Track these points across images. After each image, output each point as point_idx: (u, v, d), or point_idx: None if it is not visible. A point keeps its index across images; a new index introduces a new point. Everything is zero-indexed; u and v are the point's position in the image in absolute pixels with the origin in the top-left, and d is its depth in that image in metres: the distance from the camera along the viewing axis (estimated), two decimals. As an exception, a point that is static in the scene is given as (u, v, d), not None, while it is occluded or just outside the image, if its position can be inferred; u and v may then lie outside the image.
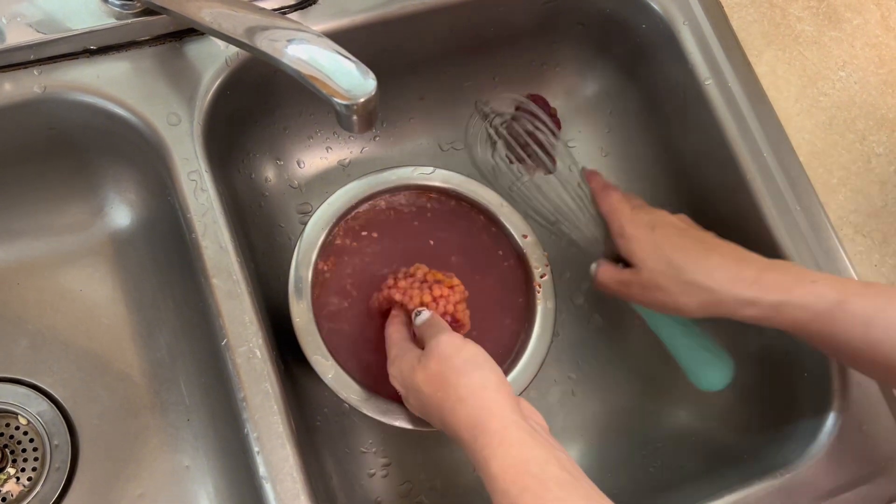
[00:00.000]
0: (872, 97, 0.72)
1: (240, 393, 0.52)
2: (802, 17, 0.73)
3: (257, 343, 0.53)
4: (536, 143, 0.66)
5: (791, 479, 0.57)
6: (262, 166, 0.69)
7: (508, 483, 0.43)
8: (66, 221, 0.64)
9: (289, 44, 0.48)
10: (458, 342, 0.50)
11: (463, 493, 0.65)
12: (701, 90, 0.66)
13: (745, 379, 0.68)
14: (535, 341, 0.62)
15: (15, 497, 0.58)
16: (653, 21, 0.67)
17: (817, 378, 0.60)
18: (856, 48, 0.73)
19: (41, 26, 0.55)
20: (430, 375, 0.50)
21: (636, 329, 0.71)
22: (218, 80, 0.58)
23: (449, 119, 0.73)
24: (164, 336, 0.63)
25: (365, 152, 0.72)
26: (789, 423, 0.62)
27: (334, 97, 0.46)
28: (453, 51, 0.69)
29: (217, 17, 0.51)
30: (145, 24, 0.57)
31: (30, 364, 0.61)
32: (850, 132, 0.71)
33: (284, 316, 0.58)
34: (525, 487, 0.42)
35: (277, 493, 0.50)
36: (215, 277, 0.54)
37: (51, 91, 0.56)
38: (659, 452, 0.67)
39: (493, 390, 0.47)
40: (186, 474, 0.61)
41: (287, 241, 0.68)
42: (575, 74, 0.75)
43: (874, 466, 0.58)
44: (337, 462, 0.63)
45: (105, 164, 0.62)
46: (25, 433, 0.60)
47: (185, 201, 0.55)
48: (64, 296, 0.63)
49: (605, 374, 0.69)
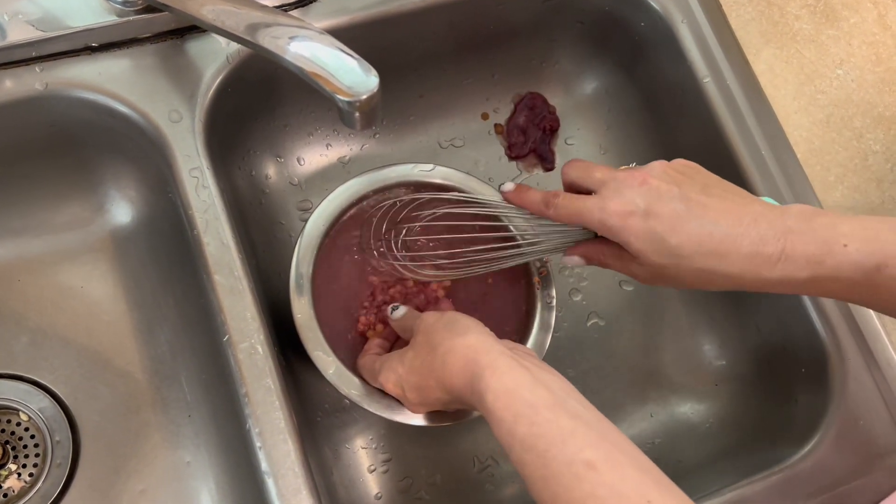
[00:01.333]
0: (870, 95, 0.72)
1: (241, 389, 0.52)
2: (800, 16, 0.73)
3: (259, 339, 0.53)
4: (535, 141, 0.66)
5: (788, 473, 0.57)
6: (262, 163, 0.69)
7: (502, 411, 0.43)
8: (67, 218, 0.64)
9: (291, 41, 0.48)
10: (437, 314, 0.51)
11: (463, 488, 0.65)
12: (699, 88, 0.66)
13: (743, 374, 0.68)
14: (534, 338, 0.62)
15: (16, 493, 0.58)
16: (651, 19, 0.68)
17: (814, 373, 0.61)
18: (853, 46, 0.73)
19: (42, 23, 0.55)
20: (418, 351, 0.50)
21: (634, 325, 0.71)
22: (219, 77, 0.59)
23: (448, 116, 0.74)
24: (165, 332, 0.63)
25: (365, 150, 0.72)
26: (787, 418, 0.62)
27: (337, 94, 0.46)
28: (453, 48, 0.70)
29: (219, 14, 0.51)
30: (147, 21, 0.57)
31: (31, 361, 0.61)
32: (847, 130, 0.71)
33: (286, 312, 0.58)
34: (518, 413, 0.42)
35: (279, 489, 0.50)
36: (217, 274, 0.54)
37: (52, 88, 0.56)
38: (656, 448, 0.67)
39: (477, 333, 0.47)
40: (188, 470, 0.61)
41: (288, 237, 0.68)
42: (574, 72, 0.75)
43: (871, 461, 0.58)
44: (338, 457, 0.64)
45: (106, 160, 0.62)
46: (27, 429, 0.60)
47: (186, 198, 0.55)
48: (65, 293, 0.63)
49: (603, 370, 0.70)
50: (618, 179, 0.49)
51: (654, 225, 0.47)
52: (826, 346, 0.60)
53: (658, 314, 0.72)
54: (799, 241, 0.45)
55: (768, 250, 0.46)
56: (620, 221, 0.48)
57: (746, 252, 0.46)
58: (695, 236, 0.46)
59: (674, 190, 0.48)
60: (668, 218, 0.47)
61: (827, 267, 0.45)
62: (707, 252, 0.46)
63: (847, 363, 0.60)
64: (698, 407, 0.69)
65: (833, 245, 0.45)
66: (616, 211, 0.48)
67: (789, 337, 0.64)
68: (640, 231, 0.48)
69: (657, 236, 0.47)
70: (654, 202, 0.47)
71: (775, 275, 0.46)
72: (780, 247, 0.45)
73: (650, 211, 0.47)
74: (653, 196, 0.48)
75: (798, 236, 0.45)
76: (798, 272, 0.45)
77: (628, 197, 0.48)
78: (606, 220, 0.49)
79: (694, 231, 0.47)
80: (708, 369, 0.70)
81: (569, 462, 0.40)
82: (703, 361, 0.70)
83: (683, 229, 0.47)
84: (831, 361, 0.60)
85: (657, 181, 0.48)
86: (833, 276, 0.45)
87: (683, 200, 0.47)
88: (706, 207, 0.47)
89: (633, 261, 0.50)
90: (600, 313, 0.71)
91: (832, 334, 0.60)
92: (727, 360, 0.70)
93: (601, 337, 0.71)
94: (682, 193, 0.48)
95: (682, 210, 0.47)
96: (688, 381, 0.70)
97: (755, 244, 0.46)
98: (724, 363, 0.70)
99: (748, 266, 0.46)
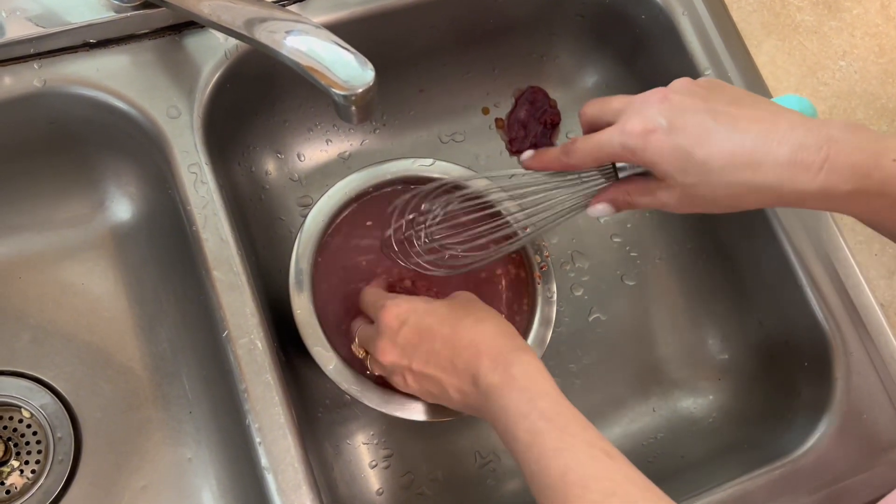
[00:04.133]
0: (872, 86, 0.71)
1: (241, 385, 0.52)
2: (802, 7, 0.73)
3: (258, 335, 0.53)
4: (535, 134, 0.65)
5: (792, 467, 0.57)
6: (262, 159, 0.69)
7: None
8: (67, 215, 0.64)
9: (287, 35, 0.48)
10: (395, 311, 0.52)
11: (464, 483, 0.65)
12: (700, 80, 0.65)
13: (746, 368, 0.68)
14: (535, 333, 0.62)
15: (19, 489, 0.58)
16: (652, 11, 0.67)
17: (817, 367, 0.61)
18: (856, 38, 0.73)
19: (41, 20, 0.55)
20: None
21: (636, 320, 0.71)
22: (217, 72, 0.58)
23: (449, 111, 0.73)
24: (166, 329, 0.63)
25: (365, 145, 0.72)
26: (790, 413, 0.62)
27: (333, 88, 0.46)
28: (453, 43, 0.69)
29: (216, 9, 0.51)
30: (144, 16, 0.57)
31: (32, 357, 0.61)
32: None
33: (286, 308, 0.58)
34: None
35: (279, 484, 0.50)
36: (216, 270, 0.54)
37: (51, 85, 0.56)
38: (659, 443, 0.67)
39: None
40: (189, 466, 0.61)
41: (288, 233, 0.68)
42: (574, 66, 0.75)
43: (875, 455, 0.58)
44: (338, 453, 0.64)
45: (105, 157, 0.62)
46: (29, 426, 0.60)
47: (185, 194, 0.55)
48: (65, 290, 0.63)
49: (605, 365, 0.70)
50: (636, 101, 0.46)
51: (678, 139, 0.43)
52: (829, 340, 0.60)
53: (660, 308, 0.71)
54: (844, 150, 0.41)
55: (809, 157, 0.41)
56: (642, 140, 0.44)
57: (784, 159, 0.42)
58: (725, 148, 0.43)
59: (698, 103, 0.44)
60: (693, 131, 0.43)
61: (874, 180, 0.41)
62: (740, 164, 0.42)
63: (850, 357, 0.59)
64: (701, 401, 0.69)
65: (881, 158, 0.41)
66: (636, 130, 0.45)
67: (792, 331, 0.63)
68: (664, 147, 0.44)
69: (683, 151, 0.43)
70: (678, 116, 0.44)
71: (816, 185, 0.42)
72: (822, 154, 0.41)
73: (673, 125, 0.44)
74: (676, 111, 0.44)
75: (843, 145, 0.41)
76: (842, 184, 0.41)
77: (649, 115, 0.45)
78: (627, 142, 0.45)
79: (723, 142, 0.43)
80: (710, 364, 0.70)
81: (589, 443, 0.41)
82: (706, 356, 0.70)
83: (711, 141, 0.43)
84: (834, 355, 0.59)
85: (679, 96, 0.45)
86: (879, 191, 0.41)
87: (710, 113, 0.44)
88: (735, 118, 0.43)
89: (661, 187, 0.46)
90: (602, 308, 0.71)
91: (835, 328, 0.60)
92: (730, 354, 0.69)
93: (603, 332, 0.71)
94: (708, 106, 0.44)
95: (709, 122, 0.43)
96: (690, 375, 0.70)
97: (794, 150, 0.42)
98: (727, 357, 0.69)
99: (786, 175, 0.42)
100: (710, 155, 0.43)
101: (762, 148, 0.42)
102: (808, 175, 0.42)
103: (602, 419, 0.68)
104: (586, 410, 0.68)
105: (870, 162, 0.41)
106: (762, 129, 0.43)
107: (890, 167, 0.41)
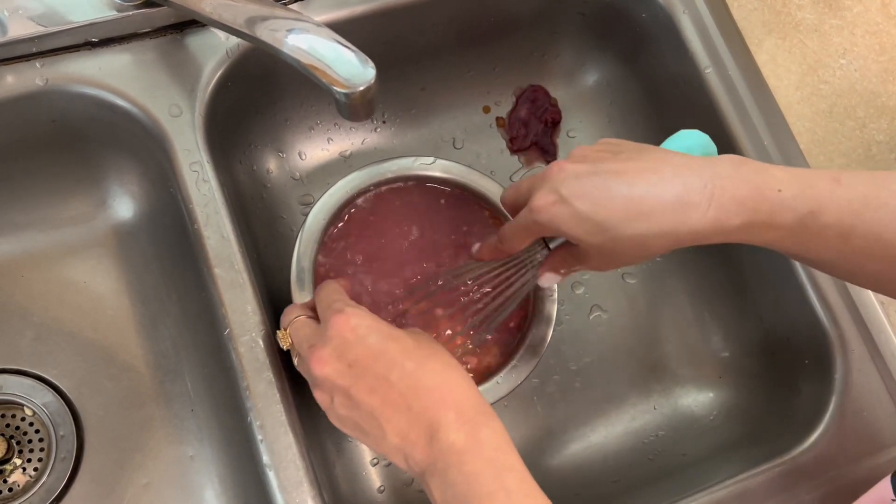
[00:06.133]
0: (873, 85, 0.71)
1: (243, 382, 0.52)
2: (803, 5, 0.73)
3: (260, 332, 0.53)
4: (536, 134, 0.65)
5: (792, 464, 0.57)
6: (263, 158, 0.69)
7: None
8: (70, 214, 0.64)
9: (288, 33, 0.48)
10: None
11: (466, 481, 0.65)
12: (701, 79, 0.66)
13: (746, 366, 0.68)
14: (536, 331, 0.62)
15: (21, 487, 0.59)
16: (653, 10, 0.68)
17: (818, 364, 0.61)
18: (856, 36, 0.73)
19: (43, 19, 0.56)
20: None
21: (637, 318, 0.71)
22: (219, 71, 0.59)
23: (450, 110, 0.73)
24: (168, 327, 0.63)
25: (366, 143, 0.72)
26: (791, 409, 0.62)
27: (333, 86, 0.46)
28: (454, 41, 0.69)
29: (217, 8, 0.51)
30: (146, 15, 0.57)
31: (35, 356, 0.61)
32: (850, 120, 0.71)
33: (287, 306, 0.58)
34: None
35: (280, 481, 0.50)
36: (217, 267, 0.54)
37: (53, 83, 0.56)
38: (660, 440, 0.67)
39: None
40: (191, 464, 0.61)
41: (289, 231, 0.68)
42: (575, 64, 0.75)
43: (875, 452, 0.58)
44: (340, 450, 0.64)
45: (107, 155, 0.62)
46: (31, 424, 0.60)
47: (187, 192, 0.56)
48: (68, 288, 0.63)
49: (606, 363, 0.70)
50: (539, 178, 0.48)
51: (577, 206, 0.45)
52: (830, 337, 0.60)
53: (661, 306, 0.72)
54: (728, 185, 0.43)
55: (696, 197, 0.43)
56: (547, 214, 0.47)
57: (671, 204, 0.43)
58: (618, 204, 0.45)
59: (589, 167, 0.46)
60: (588, 195, 0.45)
61: (762, 213, 0.43)
62: (633, 216, 0.44)
63: (851, 354, 0.59)
64: (702, 399, 0.69)
65: (766, 190, 0.43)
66: (541, 205, 0.47)
67: (793, 328, 0.63)
68: (566, 216, 0.46)
69: (584, 216, 0.45)
70: (572, 184, 0.46)
71: (707, 222, 0.43)
72: (708, 192, 0.43)
73: (571, 194, 0.46)
74: (570, 179, 0.46)
75: (727, 181, 0.43)
76: (733, 218, 0.43)
77: (549, 188, 0.47)
78: (537, 218, 0.47)
79: (615, 199, 0.45)
80: (711, 361, 0.70)
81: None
82: (707, 353, 0.70)
83: (604, 202, 0.45)
84: (835, 352, 0.60)
85: (572, 164, 0.47)
86: (768, 223, 0.43)
87: (600, 174, 0.46)
88: (623, 173, 0.45)
89: (580, 251, 0.48)
90: (603, 306, 0.71)
91: (836, 325, 0.60)
92: (731, 351, 0.69)
93: (604, 330, 0.71)
94: (596, 168, 0.46)
95: (599, 183, 0.45)
96: (691, 373, 0.70)
97: (680, 193, 0.43)
98: (728, 355, 0.69)
99: (678, 217, 0.43)
100: (607, 214, 0.45)
101: (650, 196, 0.44)
102: (697, 213, 0.43)
103: (603, 417, 0.68)
104: (587, 408, 0.69)
105: (754, 195, 0.43)
106: (648, 179, 0.45)
107: (774, 198, 0.43)
